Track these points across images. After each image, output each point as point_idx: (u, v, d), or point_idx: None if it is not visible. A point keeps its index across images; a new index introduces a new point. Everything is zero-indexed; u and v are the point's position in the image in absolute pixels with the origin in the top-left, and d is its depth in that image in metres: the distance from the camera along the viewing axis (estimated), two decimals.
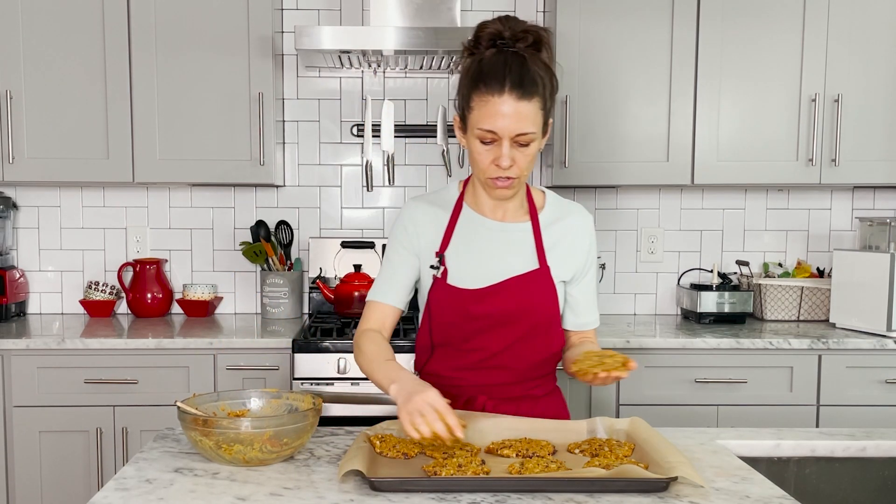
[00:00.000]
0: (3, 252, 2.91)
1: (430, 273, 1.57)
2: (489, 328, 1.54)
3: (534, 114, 1.42)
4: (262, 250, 2.91)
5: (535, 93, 1.41)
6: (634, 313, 3.11)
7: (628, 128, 2.73)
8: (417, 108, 3.04)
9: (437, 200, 1.61)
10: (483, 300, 1.53)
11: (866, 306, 2.63)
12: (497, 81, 1.40)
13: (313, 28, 2.53)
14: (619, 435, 1.43)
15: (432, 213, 1.59)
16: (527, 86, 1.40)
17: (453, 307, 1.54)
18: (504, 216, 1.58)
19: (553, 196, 1.64)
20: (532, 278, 1.55)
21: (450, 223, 1.58)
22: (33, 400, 2.46)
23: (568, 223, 1.61)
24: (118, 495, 1.18)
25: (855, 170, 2.73)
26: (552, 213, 1.61)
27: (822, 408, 2.54)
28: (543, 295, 1.55)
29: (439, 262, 1.56)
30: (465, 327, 1.55)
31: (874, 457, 1.49)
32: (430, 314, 1.58)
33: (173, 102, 2.68)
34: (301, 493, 1.19)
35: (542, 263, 1.56)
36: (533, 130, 1.42)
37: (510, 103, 1.40)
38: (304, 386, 2.41)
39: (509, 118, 1.40)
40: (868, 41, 2.70)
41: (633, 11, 2.69)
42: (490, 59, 1.44)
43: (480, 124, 1.43)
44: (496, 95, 1.40)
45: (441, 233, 1.57)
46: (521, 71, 1.41)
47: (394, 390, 1.37)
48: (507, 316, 1.53)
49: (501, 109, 1.40)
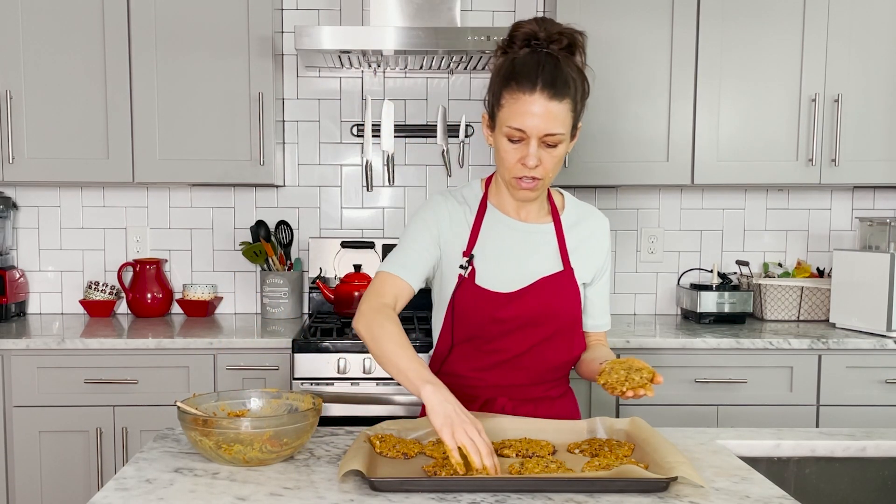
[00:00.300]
0: (3, 252, 2.91)
1: (457, 272, 1.55)
2: (514, 330, 1.54)
3: (564, 115, 1.42)
4: (262, 250, 2.91)
5: (567, 94, 1.41)
6: (634, 313, 3.11)
7: (628, 128, 2.73)
8: (417, 108, 3.04)
9: (462, 198, 1.60)
10: (511, 303, 1.52)
11: (866, 306, 2.63)
12: (529, 80, 1.40)
13: (313, 28, 2.53)
14: (619, 435, 1.43)
15: (459, 210, 1.58)
16: (559, 86, 1.40)
17: (480, 309, 1.53)
18: (527, 216, 1.58)
19: (571, 197, 1.65)
20: (557, 280, 1.55)
21: (475, 222, 1.57)
22: (33, 400, 2.46)
23: (588, 225, 1.62)
24: (118, 495, 1.18)
25: (855, 170, 2.73)
26: (573, 214, 1.62)
27: (822, 408, 2.54)
28: (568, 297, 1.56)
29: (468, 262, 1.54)
30: (491, 329, 1.54)
31: (874, 457, 1.49)
32: (454, 314, 1.56)
33: (173, 102, 2.68)
34: (301, 493, 1.19)
35: (566, 265, 1.56)
36: (562, 132, 1.42)
37: (541, 102, 1.40)
38: (304, 386, 2.41)
39: (539, 117, 1.40)
40: (868, 41, 2.70)
41: (633, 11, 2.69)
42: (523, 58, 1.43)
43: (509, 122, 1.42)
44: (527, 94, 1.40)
45: (467, 232, 1.56)
46: (555, 71, 1.41)
47: (429, 393, 1.30)
48: (532, 319, 1.53)
49: (532, 108, 1.40)
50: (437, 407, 1.28)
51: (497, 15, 3.01)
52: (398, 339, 1.41)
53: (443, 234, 1.56)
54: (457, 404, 1.29)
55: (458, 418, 1.26)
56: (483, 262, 1.54)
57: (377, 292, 1.51)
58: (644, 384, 1.34)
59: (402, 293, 1.53)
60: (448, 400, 1.29)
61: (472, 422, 1.26)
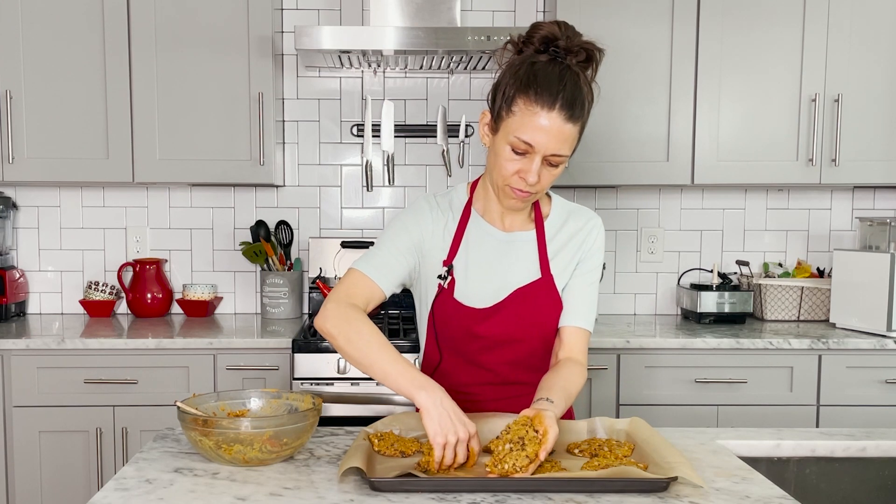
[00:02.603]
0: (3, 252, 2.91)
1: (437, 282, 1.51)
2: (494, 347, 1.51)
3: (573, 137, 1.38)
4: (261, 250, 2.91)
5: (581, 117, 1.37)
6: (634, 313, 3.11)
7: (628, 128, 2.73)
8: (417, 108, 3.04)
9: (447, 205, 1.55)
10: (487, 319, 1.49)
11: (866, 306, 2.63)
12: (549, 94, 1.33)
13: (313, 28, 2.53)
14: (619, 435, 1.43)
15: (442, 216, 1.53)
16: (576, 109, 1.35)
17: (459, 323, 1.50)
18: (511, 225, 1.54)
19: (559, 201, 1.59)
20: (534, 290, 1.50)
21: (458, 231, 1.52)
22: (33, 400, 2.46)
23: (574, 225, 1.55)
24: (118, 495, 1.18)
25: (855, 170, 2.73)
26: (558, 219, 1.56)
27: (822, 408, 2.54)
28: (547, 307, 1.51)
29: (448, 272, 1.50)
30: (471, 344, 1.51)
31: (874, 457, 1.49)
32: (435, 323, 1.54)
33: (173, 102, 2.68)
34: (301, 493, 1.19)
35: (545, 273, 1.51)
36: (567, 154, 1.39)
37: (557, 122, 1.34)
38: (303, 386, 2.41)
39: (551, 137, 1.35)
40: (868, 41, 2.70)
41: (633, 11, 2.69)
42: (545, 67, 1.36)
43: (519, 133, 1.36)
44: (545, 109, 1.34)
45: (449, 240, 1.52)
46: (575, 91, 1.35)
47: (424, 399, 1.28)
48: (511, 336, 1.50)
49: (546, 125, 1.34)
50: (433, 411, 1.27)
51: (497, 15, 3.01)
52: (378, 341, 1.36)
53: (424, 241, 1.51)
54: (451, 408, 1.28)
55: (451, 427, 1.25)
56: (462, 273, 1.50)
57: (346, 290, 1.44)
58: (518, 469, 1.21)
59: (374, 297, 1.47)
60: (443, 405, 1.28)
61: (465, 426, 1.26)
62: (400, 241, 1.50)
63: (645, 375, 2.51)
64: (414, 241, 1.51)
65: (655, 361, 2.51)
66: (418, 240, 1.51)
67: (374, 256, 1.49)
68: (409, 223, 1.52)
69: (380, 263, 1.48)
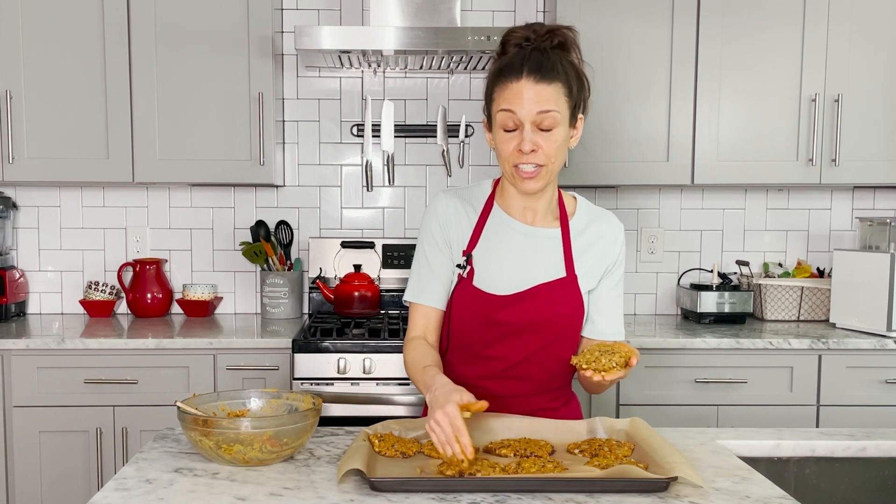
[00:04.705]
0: (3, 252, 2.91)
1: (456, 272, 1.54)
2: (511, 335, 1.51)
3: (555, 96, 1.42)
4: (262, 250, 2.91)
5: (556, 78, 1.42)
6: (634, 313, 3.11)
7: (628, 128, 2.73)
8: (417, 108, 3.04)
9: (467, 196, 1.59)
10: (508, 307, 1.50)
11: (866, 306, 2.63)
12: (514, 69, 1.43)
13: (313, 28, 2.53)
14: (619, 435, 1.43)
15: (462, 208, 1.57)
16: (545, 70, 1.41)
17: (476, 310, 1.51)
18: (534, 219, 1.55)
19: (584, 202, 1.61)
20: (558, 287, 1.52)
21: (479, 221, 1.56)
22: (33, 400, 2.46)
23: (598, 228, 1.57)
24: (118, 495, 1.18)
25: (855, 170, 2.73)
26: (583, 219, 1.58)
27: (822, 408, 2.54)
28: (570, 305, 1.52)
29: (466, 261, 1.53)
30: (487, 333, 1.52)
31: (874, 457, 1.49)
32: (450, 314, 1.55)
33: (173, 102, 2.68)
34: (301, 493, 1.19)
35: (569, 272, 1.53)
36: (554, 109, 1.41)
37: (528, 86, 1.41)
38: (303, 386, 2.41)
39: (526, 98, 1.41)
40: (868, 41, 2.70)
41: (633, 11, 2.69)
42: (510, 54, 1.46)
43: (500, 107, 1.44)
44: (514, 81, 1.42)
45: (469, 230, 1.55)
46: (541, 58, 1.42)
47: (428, 399, 1.36)
48: (530, 325, 1.51)
49: (518, 88, 1.41)
50: (429, 403, 1.32)
51: (497, 15, 3.01)
52: (412, 366, 1.50)
53: (448, 233, 1.56)
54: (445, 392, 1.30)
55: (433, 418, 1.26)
56: (482, 263, 1.53)
57: (409, 327, 1.60)
58: (608, 368, 1.33)
59: (431, 319, 1.58)
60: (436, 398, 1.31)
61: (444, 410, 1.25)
62: (431, 251, 1.58)
63: (645, 375, 2.51)
64: (442, 238, 1.56)
65: (655, 361, 2.51)
66: (444, 235, 1.57)
67: (413, 279, 1.60)
68: (432, 225, 1.58)
69: (418, 286, 1.58)
